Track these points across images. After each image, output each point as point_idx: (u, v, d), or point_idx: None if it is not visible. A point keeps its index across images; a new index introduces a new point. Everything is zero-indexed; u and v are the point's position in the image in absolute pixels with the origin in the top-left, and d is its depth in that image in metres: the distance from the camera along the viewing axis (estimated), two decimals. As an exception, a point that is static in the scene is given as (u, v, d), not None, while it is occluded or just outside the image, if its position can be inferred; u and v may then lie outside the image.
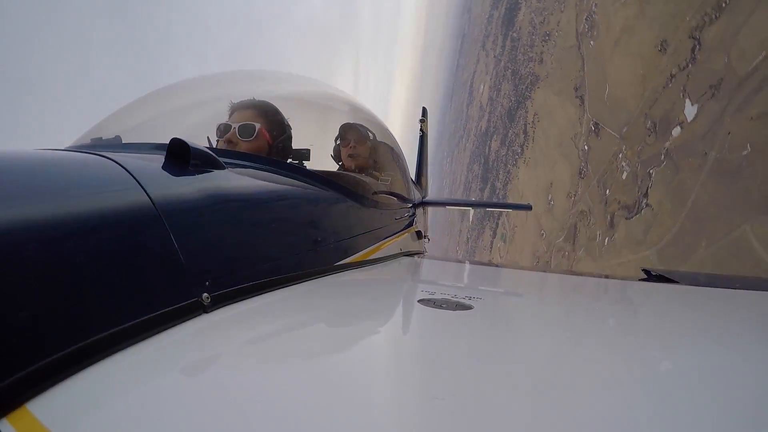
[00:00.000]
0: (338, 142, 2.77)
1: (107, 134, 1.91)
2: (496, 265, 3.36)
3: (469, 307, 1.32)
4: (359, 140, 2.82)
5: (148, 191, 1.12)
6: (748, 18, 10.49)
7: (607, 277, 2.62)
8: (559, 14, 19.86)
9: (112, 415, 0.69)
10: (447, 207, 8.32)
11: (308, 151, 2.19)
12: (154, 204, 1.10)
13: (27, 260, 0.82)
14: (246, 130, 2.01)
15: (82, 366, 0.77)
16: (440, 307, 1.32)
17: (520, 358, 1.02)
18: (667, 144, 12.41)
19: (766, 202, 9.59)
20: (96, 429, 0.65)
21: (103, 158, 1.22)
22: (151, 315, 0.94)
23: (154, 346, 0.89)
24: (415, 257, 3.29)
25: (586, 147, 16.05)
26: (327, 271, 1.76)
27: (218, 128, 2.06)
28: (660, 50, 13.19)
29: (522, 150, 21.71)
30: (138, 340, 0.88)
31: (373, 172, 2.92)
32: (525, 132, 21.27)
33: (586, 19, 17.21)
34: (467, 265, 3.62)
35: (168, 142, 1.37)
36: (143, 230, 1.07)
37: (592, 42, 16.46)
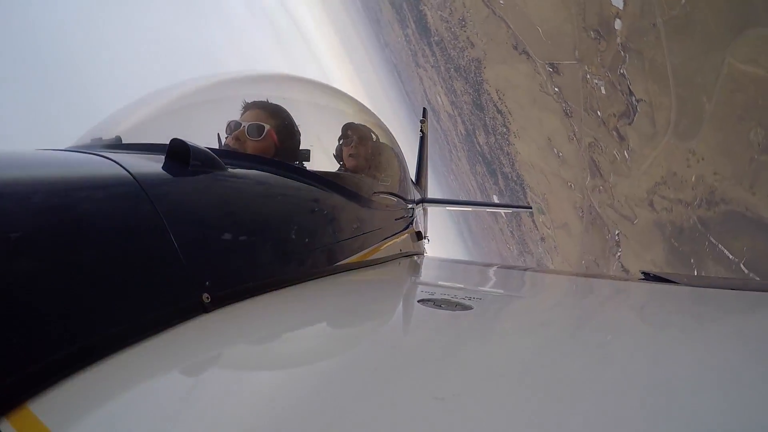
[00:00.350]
0: (341, 141, 2.74)
1: (107, 134, 1.92)
2: (496, 265, 3.32)
3: (468, 308, 1.33)
4: (361, 140, 2.81)
5: (147, 192, 1.13)
6: None
7: (606, 277, 2.60)
8: None
9: (112, 414, 0.70)
10: (447, 208, 8.24)
11: (308, 151, 2.19)
12: (153, 204, 1.12)
13: (27, 260, 0.84)
14: (255, 130, 2.03)
15: (83, 366, 0.78)
16: (440, 307, 1.34)
17: (520, 358, 1.04)
18: (618, 39, 12.61)
19: (727, 28, 9.72)
20: (96, 428, 0.67)
21: (103, 158, 1.23)
22: (152, 315, 0.96)
23: (155, 346, 0.90)
24: (415, 257, 3.33)
25: (556, 89, 16.27)
26: (327, 272, 1.78)
27: (228, 125, 2.08)
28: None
29: (506, 128, 21.86)
30: (138, 340, 0.90)
31: (374, 172, 2.90)
32: (499, 111, 21.53)
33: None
34: (467, 266, 3.66)
35: (168, 143, 1.38)
36: (143, 231, 1.08)
37: (501, 0, 16.97)
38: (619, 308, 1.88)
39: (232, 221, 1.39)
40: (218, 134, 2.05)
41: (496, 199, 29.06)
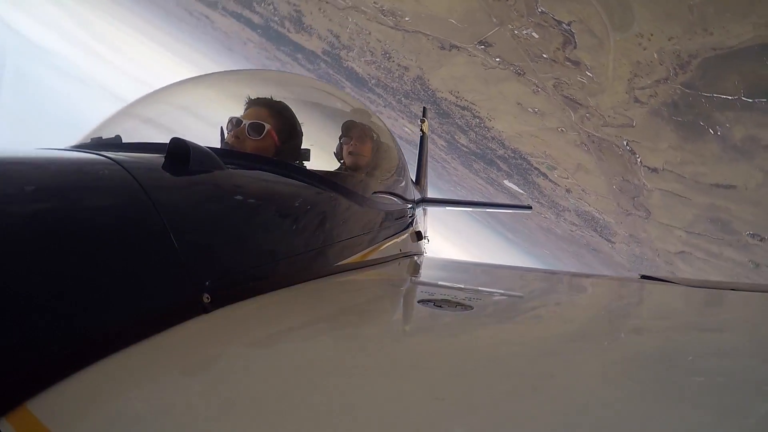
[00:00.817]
0: (341, 139, 2.82)
1: (107, 134, 1.91)
2: (496, 265, 3.40)
3: (469, 308, 1.35)
4: (361, 138, 2.86)
5: (148, 191, 1.13)
6: None
7: (606, 277, 2.70)
8: (354, 25, 21.34)
9: (111, 414, 0.70)
10: (447, 207, 8.41)
11: (308, 151, 2.22)
12: (154, 204, 1.12)
13: (27, 259, 0.83)
14: (255, 129, 2.06)
15: (82, 365, 0.78)
16: (440, 307, 1.36)
17: (520, 358, 1.05)
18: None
19: None
20: (95, 428, 0.67)
21: (103, 158, 1.23)
22: (152, 315, 0.96)
23: (155, 345, 0.90)
24: (415, 258, 3.42)
25: (496, 59, 16.90)
26: (327, 272, 1.78)
27: (230, 121, 2.12)
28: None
29: (477, 117, 22.29)
30: (138, 339, 0.89)
31: (374, 171, 2.95)
32: (462, 108, 22.04)
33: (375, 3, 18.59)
34: (467, 266, 3.72)
35: (168, 142, 1.38)
36: (143, 230, 1.08)
37: (407, 18, 17.86)
38: (619, 308, 1.93)
39: (232, 221, 1.40)
40: (222, 128, 2.12)
41: (508, 184, 29.19)
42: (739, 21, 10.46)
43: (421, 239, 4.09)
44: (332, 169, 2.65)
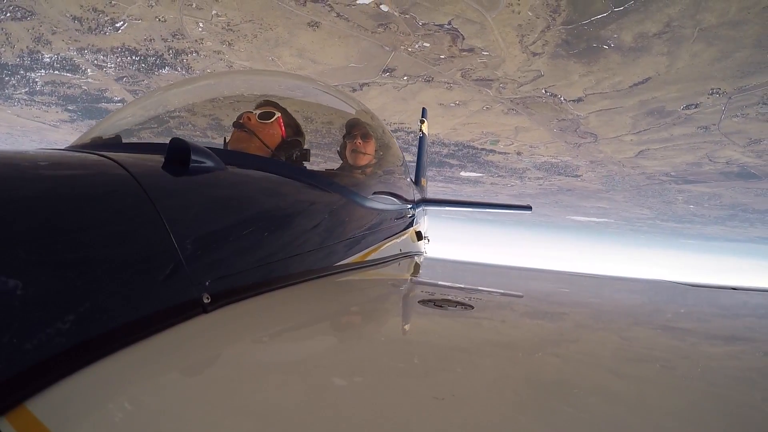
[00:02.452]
0: (344, 138, 2.89)
1: (107, 134, 1.89)
2: (496, 265, 3.44)
3: (469, 307, 1.36)
4: (363, 137, 2.90)
5: (147, 191, 1.14)
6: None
7: (606, 276, 2.75)
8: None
9: (111, 413, 0.70)
10: (447, 208, 8.40)
11: (308, 151, 2.22)
12: (153, 204, 1.13)
13: (26, 259, 0.84)
14: (265, 115, 2.13)
15: (82, 365, 0.79)
16: (440, 307, 1.36)
17: (520, 357, 1.08)
18: (393, 11, 14.96)
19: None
20: (95, 428, 0.67)
21: (103, 158, 1.22)
22: (151, 315, 0.97)
23: (154, 345, 0.91)
24: (415, 258, 3.44)
25: (404, 78, 18.54)
26: (327, 272, 1.78)
27: (239, 116, 2.18)
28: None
29: (413, 134, 23.38)
30: (138, 339, 0.90)
31: (375, 171, 2.98)
32: (396, 130, 23.20)
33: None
34: (467, 265, 3.72)
35: (168, 142, 1.37)
36: (143, 230, 1.09)
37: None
38: (619, 307, 1.95)
39: (232, 221, 1.40)
40: (233, 124, 2.18)
41: (465, 174, 30.64)
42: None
43: (421, 239, 4.14)
44: (333, 169, 2.67)
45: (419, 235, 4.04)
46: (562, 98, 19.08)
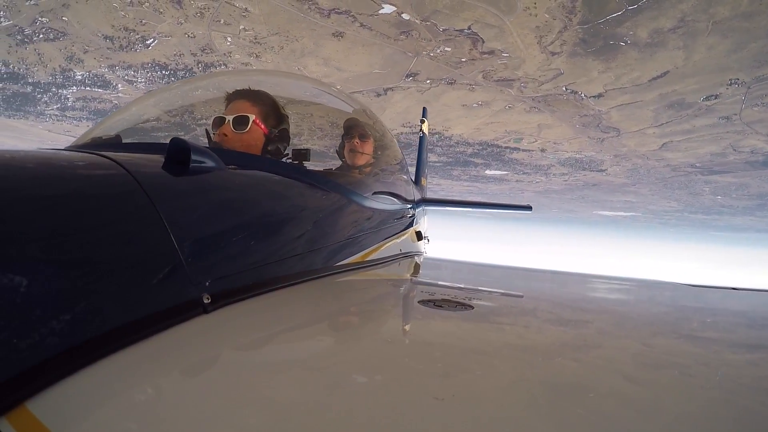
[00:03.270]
0: (343, 137, 2.84)
1: (107, 134, 1.91)
2: (496, 265, 3.44)
3: (469, 307, 1.39)
4: (362, 136, 2.88)
5: (147, 191, 1.14)
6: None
7: (606, 276, 2.75)
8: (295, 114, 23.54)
9: (111, 413, 0.71)
10: (447, 208, 8.15)
11: (308, 151, 2.19)
12: (153, 204, 1.13)
13: (27, 259, 0.85)
14: (239, 122, 2.03)
15: (82, 365, 0.79)
16: (440, 307, 1.39)
17: (520, 358, 1.08)
18: (413, 18, 15.89)
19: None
20: (95, 428, 0.68)
21: (103, 158, 1.23)
22: (151, 315, 0.97)
23: (154, 345, 0.91)
24: (415, 258, 3.42)
25: (427, 81, 19.27)
26: (327, 272, 1.79)
27: (213, 121, 2.09)
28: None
29: (438, 134, 24.40)
30: (138, 339, 0.90)
31: (374, 171, 2.96)
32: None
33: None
34: (467, 266, 3.71)
35: (168, 142, 1.38)
36: (143, 230, 1.09)
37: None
38: (619, 306, 1.95)
39: (232, 221, 1.42)
40: (206, 130, 2.13)
41: (490, 172, 31.39)
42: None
43: (421, 239, 4.14)
44: (333, 169, 2.66)
45: (419, 235, 4.08)
46: (582, 95, 19.75)
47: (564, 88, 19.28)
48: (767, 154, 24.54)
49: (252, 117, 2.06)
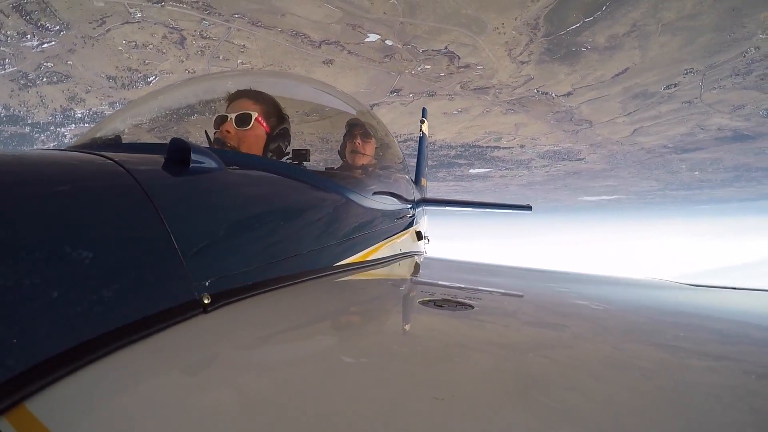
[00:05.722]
0: (344, 137, 2.96)
1: (107, 134, 1.96)
2: (496, 265, 3.49)
3: (469, 307, 1.41)
4: (363, 137, 2.99)
5: (147, 191, 1.18)
6: None
7: (606, 277, 2.87)
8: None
9: (110, 414, 0.72)
10: (447, 208, 8.27)
11: (308, 151, 2.21)
12: (153, 204, 1.16)
13: (27, 259, 0.87)
14: (242, 119, 2.10)
15: (82, 364, 0.81)
16: (440, 307, 1.42)
17: (521, 358, 1.09)
18: (391, 42, 18.33)
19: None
20: (94, 428, 0.69)
21: (103, 158, 1.27)
22: (151, 315, 0.99)
23: (154, 345, 0.93)
24: (415, 258, 3.51)
25: (410, 95, 21.39)
26: (327, 272, 1.84)
27: (216, 120, 2.16)
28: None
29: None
30: (137, 339, 0.92)
31: (375, 171, 3.07)
32: (405, 141, 24.92)
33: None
34: (467, 265, 3.74)
35: (168, 142, 1.42)
36: (143, 230, 1.12)
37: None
38: (619, 307, 2.03)
39: (232, 221, 1.46)
40: (206, 131, 2.22)
41: (473, 171, 33.55)
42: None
43: (422, 239, 4.19)
44: (333, 169, 2.71)
45: (419, 235, 4.11)
46: (553, 94, 22.40)
47: (535, 90, 21.83)
48: (734, 130, 26.91)
49: (254, 114, 2.13)
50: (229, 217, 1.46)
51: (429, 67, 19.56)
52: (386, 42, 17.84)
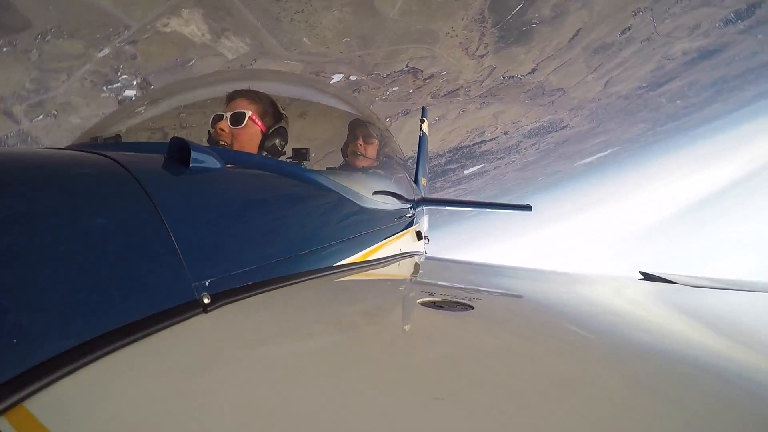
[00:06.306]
0: (346, 138, 2.98)
1: (107, 133, 1.97)
2: (497, 265, 3.49)
3: (469, 307, 1.42)
4: (365, 138, 3.05)
5: (147, 191, 1.18)
6: None
7: (606, 277, 2.89)
8: None
9: (110, 414, 0.72)
10: (447, 208, 8.49)
11: (308, 150, 2.22)
12: (153, 203, 1.16)
13: (26, 258, 0.87)
14: (237, 118, 2.14)
15: (81, 364, 0.81)
16: (441, 307, 1.43)
17: (521, 358, 1.10)
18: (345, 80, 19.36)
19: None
20: (94, 428, 0.69)
21: (103, 157, 1.27)
22: (151, 314, 0.99)
23: (154, 345, 0.93)
24: (415, 258, 3.57)
25: (387, 120, 22.56)
26: (327, 272, 1.84)
27: (212, 119, 2.20)
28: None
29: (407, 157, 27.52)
30: (137, 339, 0.92)
31: (375, 171, 3.15)
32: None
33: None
34: (467, 266, 3.74)
35: (168, 141, 1.44)
36: (143, 230, 1.13)
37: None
38: (619, 307, 2.05)
39: (232, 221, 1.46)
40: (209, 131, 2.23)
41: (467, 171, 34.32)
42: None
43: (422, 239, 4.22)
44: (334, 168, 2.71)
45: (419, 235, 4.13)
46: (519, 76, 23.31)
47: (501, 78, 22.75)
48: (698, 50, 27.64)
49: (248, 113, 2.15)
50: (230, 217, 1.48)
51: (397, 88, 20.48)
52: (351, 78, 18.73)
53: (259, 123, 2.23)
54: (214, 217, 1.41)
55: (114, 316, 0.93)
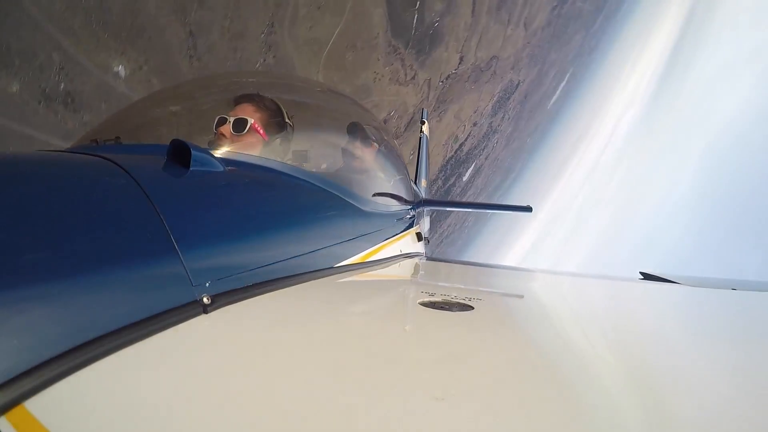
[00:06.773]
0: (347, 140, 2.91)
1: (107, 135, 1.95)
2: (496, 266, 3.48)
3: (469, 308, 1.43)
4: (364, 140, 3.02)
5: (147, 193, 1.19)
6: None
7: (606, 277, 2.86)
8: None
9: (110, 414, 0.73)
10: (447, 209, 8.83)
11: (307, 151, 2.24)
12: (153, 205, 1.17)
13: (27, 260, 0.88)
14: (238, 125, 2.11)
15: (81, 365, 0.82)
16: (441, 308, 1.43)
17: (521, 358, 1.10)
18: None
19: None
20: (94, 428, 0.69)
21: (103, 160, 1.28)
22: (151, 315, 1.00)
23: (154, 346, 0.94)
24: (415, 258, 3.60)
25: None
26: (327, 273, 1.86)
27: (217, 120, 2.15)
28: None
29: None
30: (137, 340, 0.93)
31: (375, 172, 3.11)
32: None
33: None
34: (467, 266, 3.74)
35: (169, 143, 1.45)
36: (143, 231, 1.14)
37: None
38: (620, 308, 2.03)
39: (232, 222, 1.48)
40: (215, 132, 2.15)
41: (465, 177, 34.79)
42: None
43: (422, 240, 4.25)
44: (334, 170, 2.69)
45: (419, 236, 4.15)
46: (452, 71, 24.03)
47: (440, 83, 23.44)
48: None
49: (251, 121, 2.12)
50: (230, 218, 1.48)
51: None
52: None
53: (261, 132, 2.17)
54: (214, 219, 1.42)
55: (114, 316, 0.94)
